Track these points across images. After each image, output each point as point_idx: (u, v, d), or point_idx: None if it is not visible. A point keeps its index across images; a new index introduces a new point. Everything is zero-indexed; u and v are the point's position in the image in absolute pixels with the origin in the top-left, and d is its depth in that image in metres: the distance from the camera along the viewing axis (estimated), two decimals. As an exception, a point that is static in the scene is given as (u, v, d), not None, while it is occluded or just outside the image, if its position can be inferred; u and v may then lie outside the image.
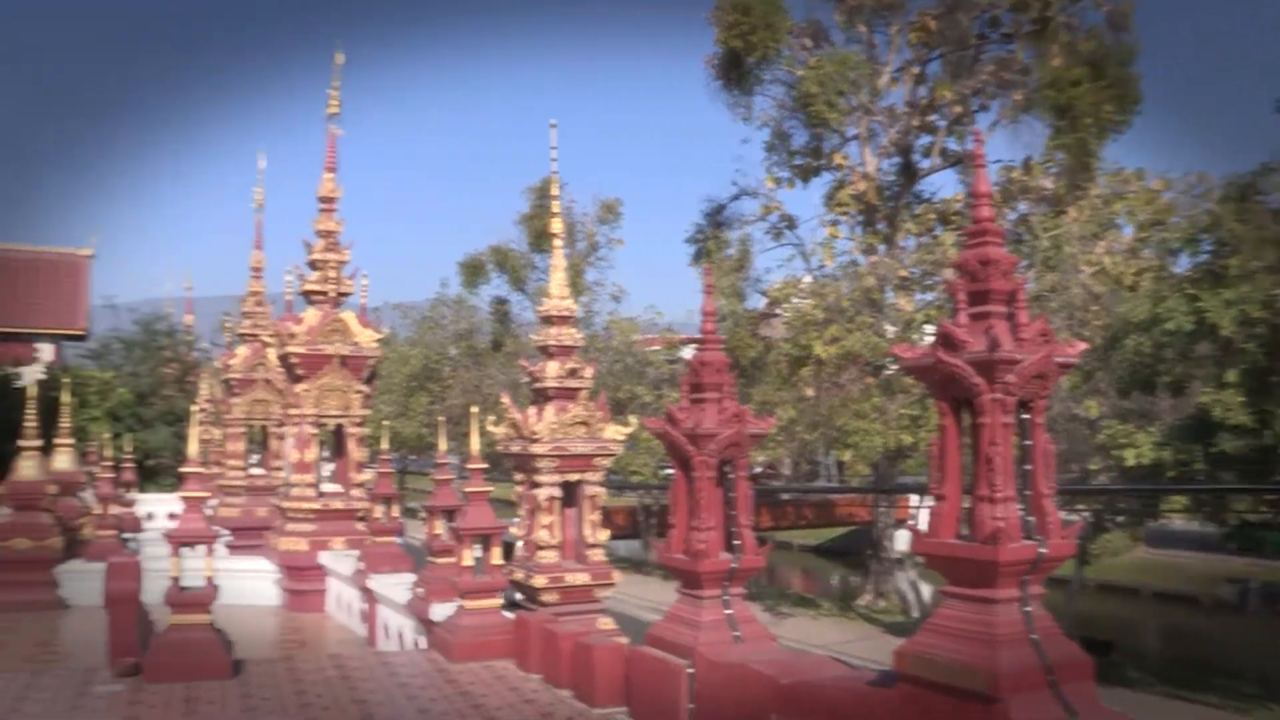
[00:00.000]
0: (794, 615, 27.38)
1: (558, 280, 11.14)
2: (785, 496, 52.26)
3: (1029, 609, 5.35)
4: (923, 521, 6.36)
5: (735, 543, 7.82)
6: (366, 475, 16.26)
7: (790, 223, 32.73)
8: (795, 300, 30.30)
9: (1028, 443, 5.52)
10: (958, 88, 29.81)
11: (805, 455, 47.87)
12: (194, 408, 14.31)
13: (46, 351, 40.97)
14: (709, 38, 31.52)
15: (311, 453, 16.03)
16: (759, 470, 48.17)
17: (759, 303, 34.35)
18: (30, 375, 27.89)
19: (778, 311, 32.32)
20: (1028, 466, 5.51)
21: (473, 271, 47.61)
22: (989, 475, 5.36)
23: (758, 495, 14.24)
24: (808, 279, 31.16)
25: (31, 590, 14.92)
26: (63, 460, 19.68)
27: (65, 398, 19.90)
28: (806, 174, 32.66)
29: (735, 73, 31.94)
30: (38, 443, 16.13)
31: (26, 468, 15.97)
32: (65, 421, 19.72)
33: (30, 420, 16.13)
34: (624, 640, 9.11)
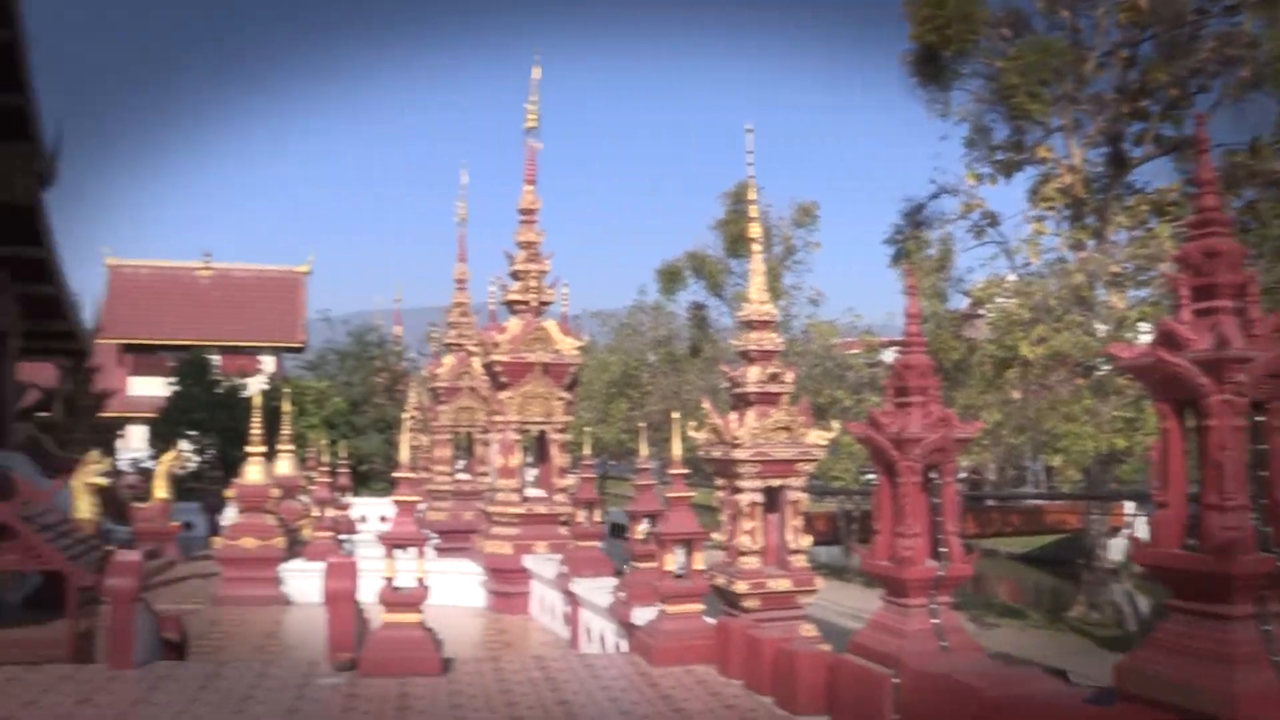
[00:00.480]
0: (1001, 626, 26.48)
1: (757, 285, 11.07)
2: (991, 503, 50.64)
3: (1269, 628, 5.00)
4: (1142, 530, 6.04)
5: (941, 550, 7.60)
6: (569, 480, 16.55)
7: (992, 220, 31.72)
8: (999, 300, 29.30)
9: (1263, 447, 5.17)
10: (1173, 69, 28.21)
11: (1012, 460, 46.26)
12: (404, 415, 14.84)
13: (269, 363, 43.43)
14: (904, 34, 30.86)
15: (515, 458, 16.41)
16: (963, 476, 46.86)
17: (961, 303, 33.40)
18: (254, 386, 29.56)
19: (981, 312, 31.33)
20: (1263, 473, 5.16)
21: (670, 278, 47.96)
22: (1218, 482, 5.04)
23: (963, 501, 13.81)
24: (1012, 277, 30.09)
25: (258, 586, 15.82)
26: (284, 465, 20.80)
27: (286, 407, 21.00)
28: (1009, 169, 31.55)
29: (931, 68, 31.14)
30: (262, 449, 17.06)
31: (252, 472, 16.92)
32: (286, 429, 20.81)
33: (255, 428, 17.07)
34: (826, 648, 8.98)
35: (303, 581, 15.69)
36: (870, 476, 28.15)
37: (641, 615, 10.80)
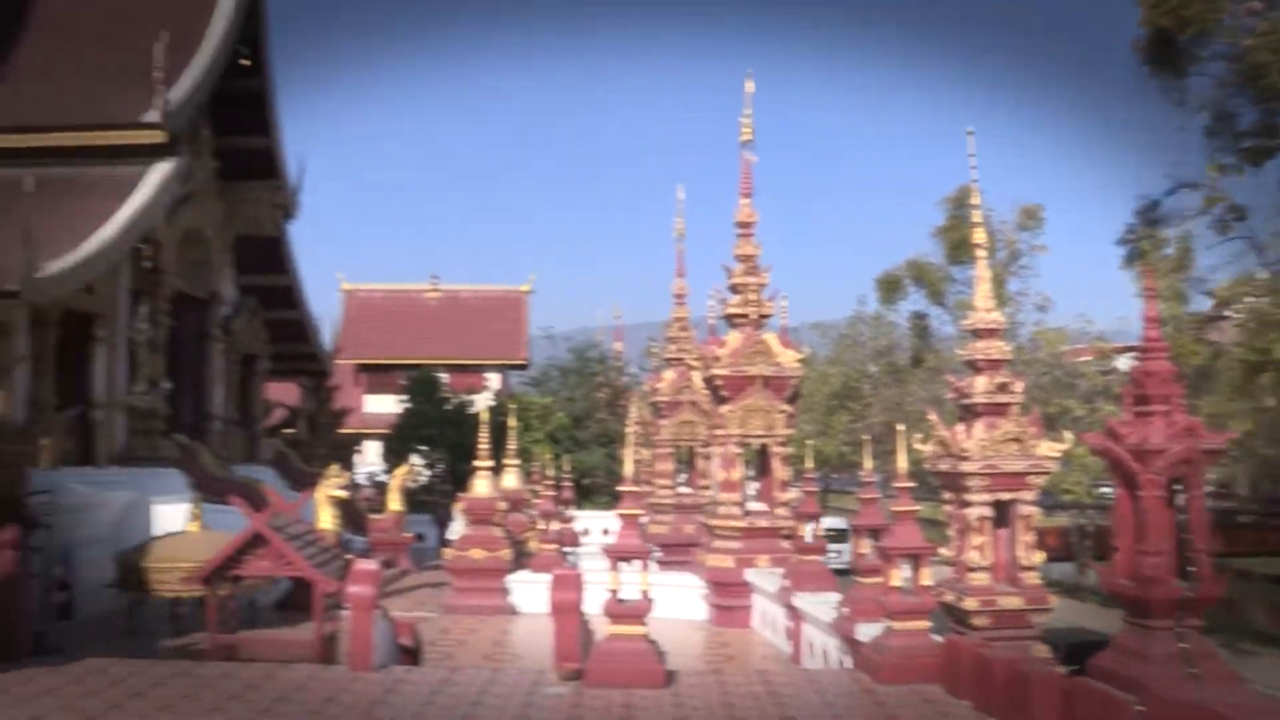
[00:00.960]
0: (1259, 654, 24.63)
1: (982, 292, 10.70)
2: (1243, 519, 47.35)
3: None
4: None
5: (1189, 569, 7.11)
6: (791, 494, 16.39)
7: (1239, 214, 29.64)
8: (1249, 299, 27.38)
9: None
10: None
11: (1267, 473, 43.16)
12: (627, 430, 15.00)
13: (494, 380, 44.86)
14: (1133, 21, 29.23)
15: (737, 472, 16.38)
16: (1210, 490, 43.96)
17: (1204, 305, 31.40)
18: (481, 402, 30.55)
19: (1227, 313, 29.38)
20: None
21: (890, 287, 46.97)
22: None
23: (1213, 517, 12.94)
24: (1263, 275, 28.08)
25: (487, 596, 16.30)
26: (510, 479, 21.38)
27: (511, 422, 21.59)
28: (1257, 157, 29.30)
29: (1166, 53, 29.36)
30: (489, 463, 17.58)
31: (480, 486, 17.46)
32: (512, 444, 21.39)
33: (482, 443, 17.62)
34: (1062, 670, 8.55)
35: (529, 592, 16.07)
36: (1106, 490, 26.77)
37: (866, 631, 10.56)
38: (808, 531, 14.22)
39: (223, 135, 23.89)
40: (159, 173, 19.66)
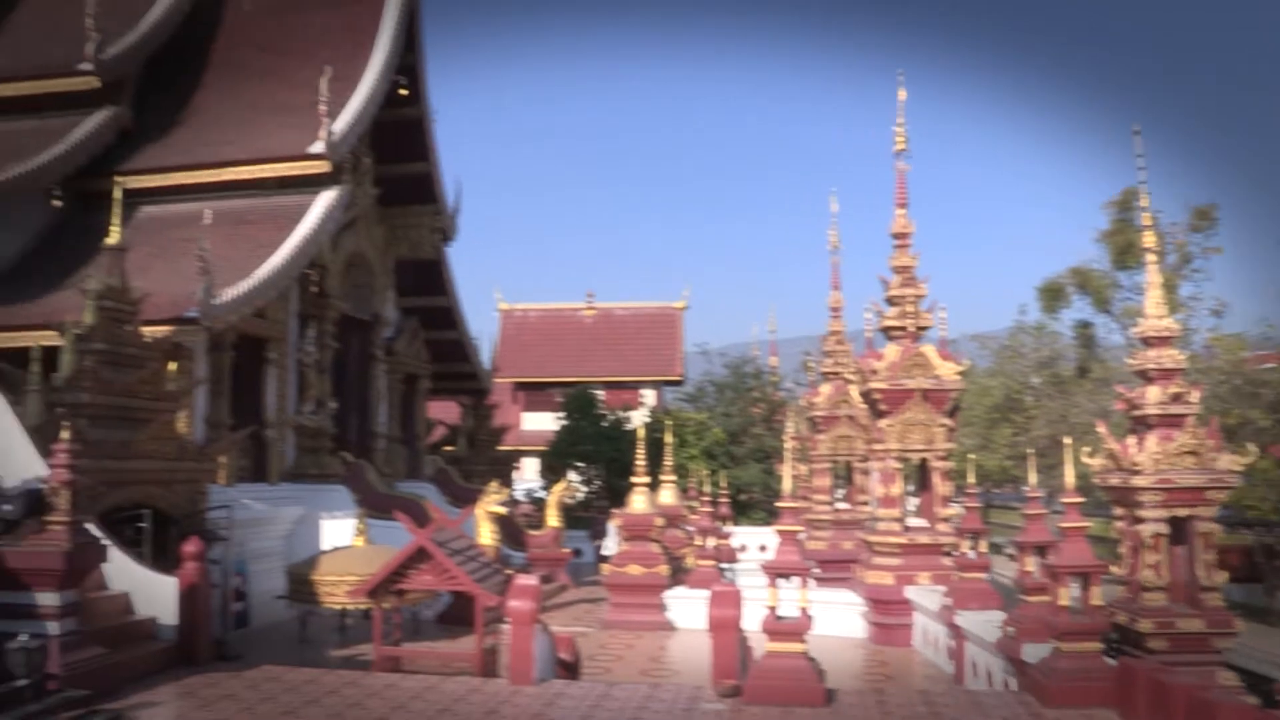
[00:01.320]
0: None
1: (1153, 298, 10.26)
2: None
3: None
4: None
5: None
6: (952, 510, 15.99)
7: None
8: None
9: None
10: None
11: None
12: (784, 445, 14.87)
13: (650, 397, 45.06)
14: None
15: (896, 487, 16.06)
16: None
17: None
18: (637, 419, 30.71)
19: None
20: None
21: (1052, 295, 45.46)
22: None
23: None
24: None
25: (644, 612, 16.33)
26: (667, 495, 21.42)
27: (667, 438, 21.63)
28: None
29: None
30: (646, 479, 17.65)
31: (637, 501, 17.53)
32: (668, 459, 21.44)
33: (639, 459, 17.69)
34: (1253, 701, 8.07)
35: (686, 608, 16.05)
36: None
37: (1033, 652, 10.19)
38: (969, 548, 13.83)
39: (383, 163, 24.72)
40: (324, 201, 20.45)
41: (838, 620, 15.46)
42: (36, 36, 22.89)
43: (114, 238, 14.46)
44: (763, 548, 22.90)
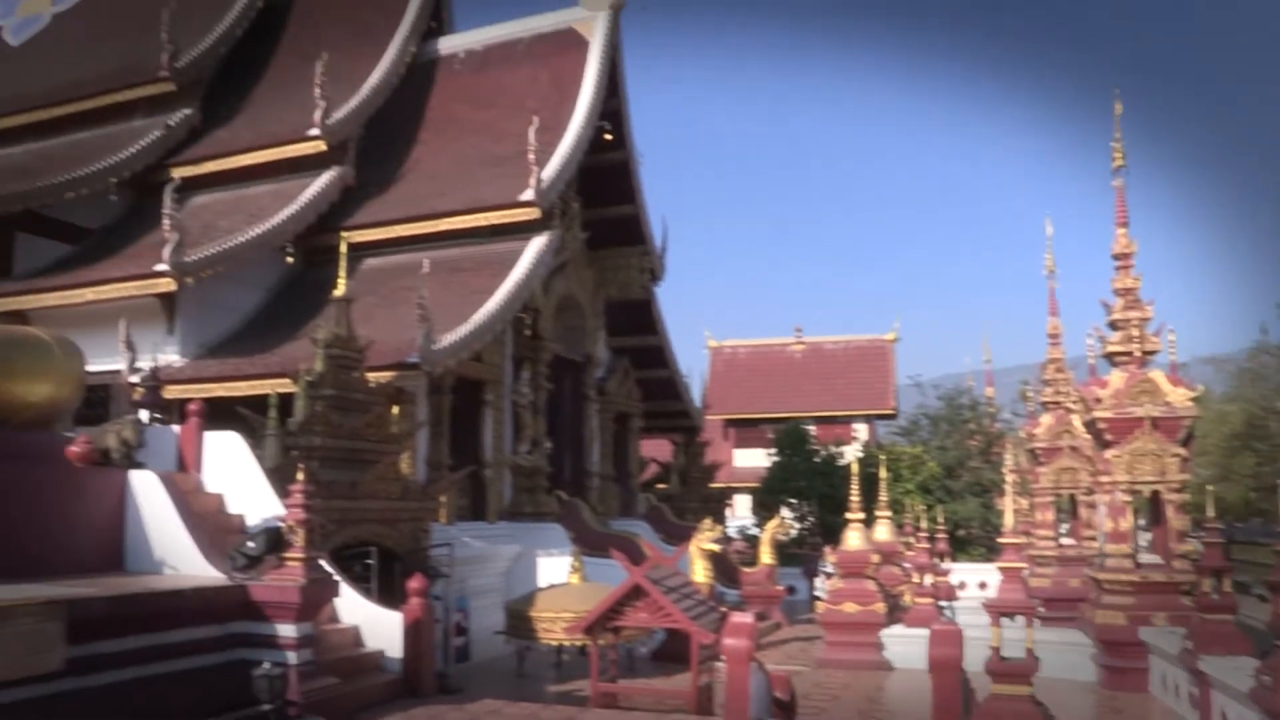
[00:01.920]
0: None
1: None
2: None
3: None
4: None
5: None
6: (1189, 545, 15.05)
7: None
8: None
9: None
10: None
11: None
12: (1004, 478, 14.35)
13: (862, 431, 44.37)
14: None
15: (1126, 521, 15.24)
16: None
17: None
18: (850, 453, 30.25)
19: None
20: None
21: (1296, 313, 42.57)
22: None
23: None
24: None
25: (860, 650, 15.98)
26: (882, 531, 20.97)
27: (881, 473, 21.21)
28: None
29: None
30: (860, 515, 17.33)
31: (852, 538, 17.22)
32: (882, 495, 21.00)
33: (852, 495, 17.39)
34: None
35: (904, 647, 15.62)
36: None
37: (1293, 702, 9.42)
38: (1211, 586, 12.96)
39: (591, 207, 25.30)
40: (535, 247, 21.06)
41: (1065, 662, 14.72)
42: (272, 107, 24.56)
43: (340, 290, 15.25)
44: (983, 585, 22.11)
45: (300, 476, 10.52)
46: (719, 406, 43.13)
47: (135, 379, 16.10)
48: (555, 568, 17.65)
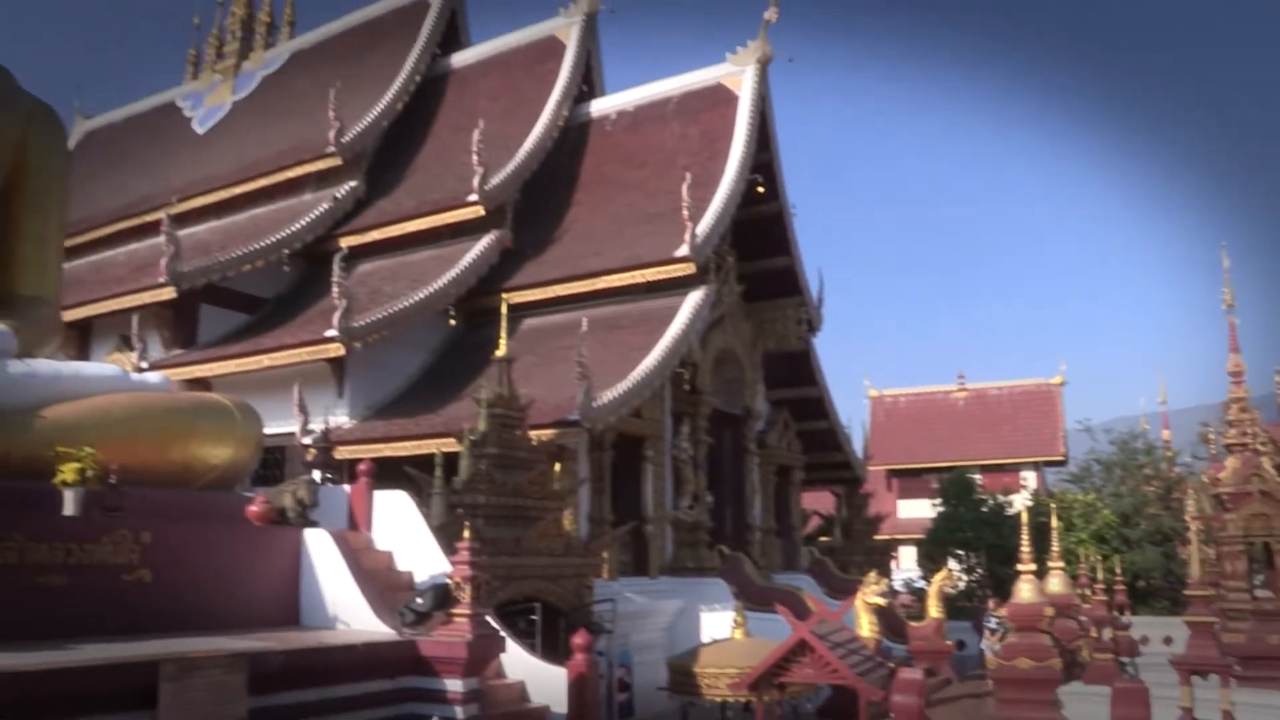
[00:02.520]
0: None
1: None
2: None
3: None
4: None
5: None
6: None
7: None
8: None
9: None
10: None
11: None
12: (1187, 526, 13.68)
13: (1030, 479, 42.95)
14: None
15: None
16: None
17: None
18: (1019, 502, 29.29)
19: None
20: None
21: None
22: None
23: None
24: None
25: (1036, 709, 15.23)
26: (1055, 583, 20.14)
27: (1053, 522, 20.46)
28: None
29: None
30: (1031, 566, 16.71)
31: (1024, 590, 16.60)
32: (1054, 545, 20.24)
33: (1023, 545, 16.81)
34: None
35: (1083, 706, 14.89)
36: None
37: None
38: None
39: (745, 260, 25.33)
40: (692, 302, 21.18)
41: (1265, 722, 13.84)
42: (432, 176, 25.45)
43: (501, 350, 15.60)
44: (1167, 640, 21.00)
45: (466, 534, 10.72)
46: (881, 457, 42.36)
47: (308, 440, 16.74)
48: (718, 623, 17.51)
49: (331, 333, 19.15)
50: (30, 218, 11.34)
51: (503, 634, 11.39)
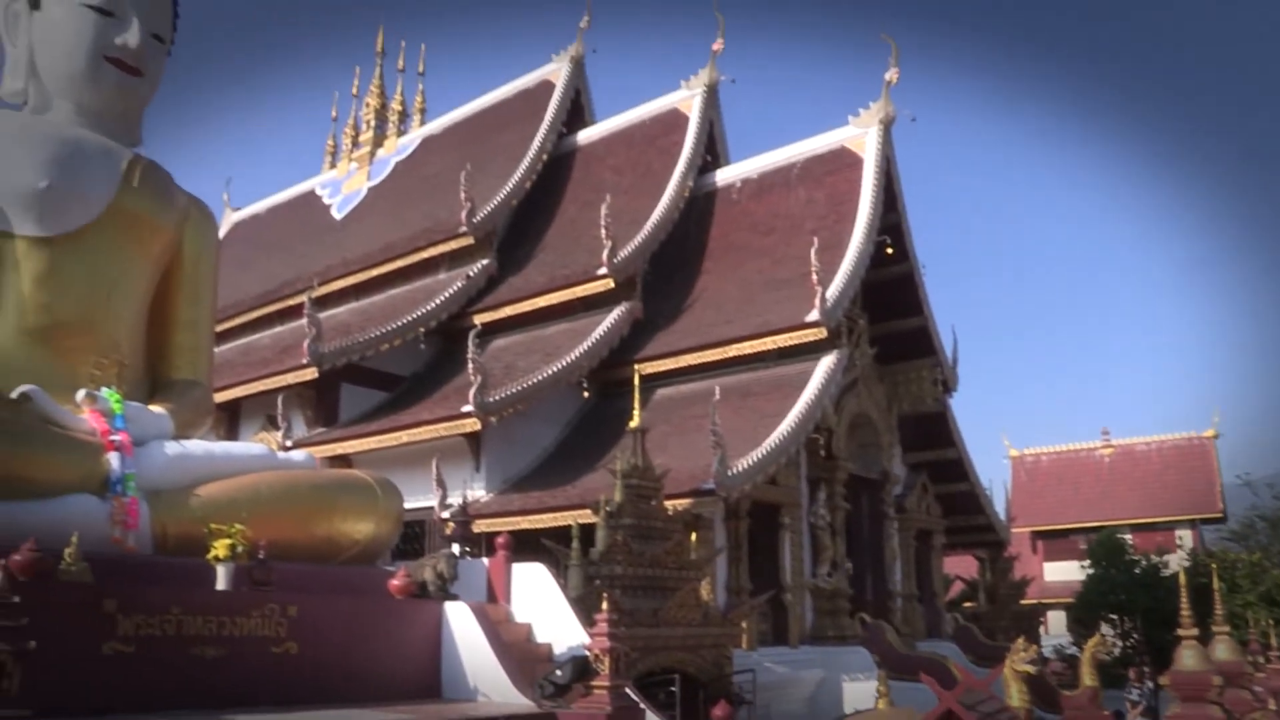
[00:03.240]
0: None
1: None
2: None
3: None
4: None
5: None
6: None
7: None
8: None
9: None
10: None
11: None
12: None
13: (1186, 537, 41.12)
14: None
15: None
16: None
17: None
18: (1175, 563, 28.06)
19: None
20: None
21: None
22: None
23: None
24: None
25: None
26: (1222, 649, 19.11)
27: (1214, 583, 19.50)
28: None
29: None
30: (1194, 631, 15.93)
31: (1187, 657, 15.80)
32: (1218, 608, 19.27)
33: (1183, 609, 16.04)
34: None
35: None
36: None
37: None
38: None
39: (876, 322, 25.06)
40: (824, 366, 21.02)
41: None
42: (561, 251, 25.95)
43: (635, 420, 15.67)
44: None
45: (604, 605, 10.71)
46: (1025, 518, 41.10)
47: (447, 514, 17.01)
48: (861, 692, 17.11)
49: (468, 408, 19.50)
50: (185, 307, 11.88)
51: (642, 706, 11.29)
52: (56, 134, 10.35)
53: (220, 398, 21.29)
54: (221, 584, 9.14)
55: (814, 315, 20.92)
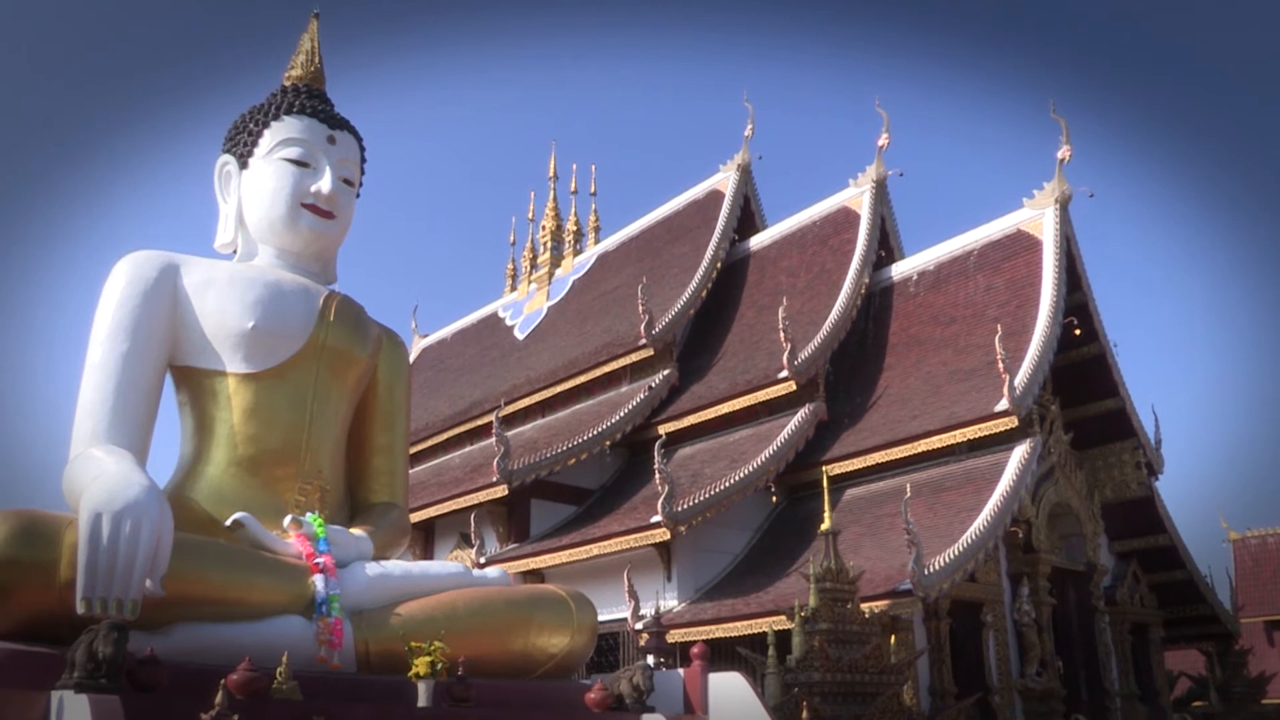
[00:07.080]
0: None
1: None
2: None
3: None
4: None
5: None
6: None
7: None
8: None
9: None
10: None
11: None
12: None
13: None
14: None
15: None
16: None
17: None
18: None
19: None
20: None
21: None
22: None
23: None
24: None
25: None
26: None
27: None
28: None
29: None
30: None
31: None
32: None
33: None
34: None
35: None
36: None
37: None
38: None
39: (1069, 406, 24.18)
40: (1017, 456, 20.32)
41: None
42: (740, 357, 26.05)
43: (826, 523, 15.44)
44: None
45: (804, 713, 10.47)
46: (1254, 607, 38.35)
47: (640, 625, 16.97)
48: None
49: (657, 519, 19.56)
50: (381, 433, 12.35)
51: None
52: (260, 277, 11.03)
53: (415, 518, 21.97)
54: (423, 701, 9.31)
55: (1003, 404, 20.32)
